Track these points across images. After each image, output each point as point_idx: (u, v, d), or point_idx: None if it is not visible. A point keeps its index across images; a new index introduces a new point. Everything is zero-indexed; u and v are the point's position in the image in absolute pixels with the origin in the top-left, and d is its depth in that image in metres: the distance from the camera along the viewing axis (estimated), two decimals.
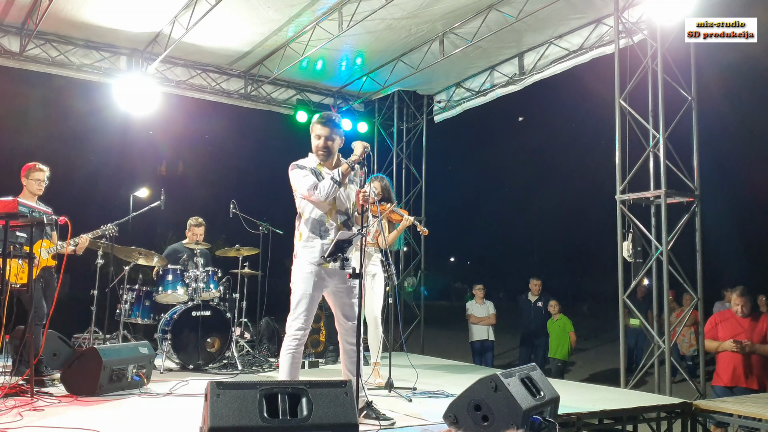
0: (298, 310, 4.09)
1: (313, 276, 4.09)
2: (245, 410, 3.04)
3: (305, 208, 4.20)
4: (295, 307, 4.11)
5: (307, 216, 4.19)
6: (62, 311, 5.68)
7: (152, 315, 6.71)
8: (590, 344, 16.46)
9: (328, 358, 7.37)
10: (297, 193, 4.23)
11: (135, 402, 4.68)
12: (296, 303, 4.11)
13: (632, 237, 6.26)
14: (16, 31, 7.83)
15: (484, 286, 9.88)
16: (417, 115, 10.22)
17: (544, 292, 9.89)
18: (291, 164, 4.25)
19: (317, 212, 4.17)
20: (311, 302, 4.10)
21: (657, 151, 6.10)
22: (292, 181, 4.23)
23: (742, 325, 5.84)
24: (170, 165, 33.06)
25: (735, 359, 5.75)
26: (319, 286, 4.13)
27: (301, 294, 4.09)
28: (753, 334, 5.80)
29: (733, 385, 5.74)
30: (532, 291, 9.84)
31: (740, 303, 5.90)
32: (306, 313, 4.08)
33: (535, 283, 9.87)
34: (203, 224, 7.36)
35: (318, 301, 4.18)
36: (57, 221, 5.35)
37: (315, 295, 4.13)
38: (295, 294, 4.13)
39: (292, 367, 4.06)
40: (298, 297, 4.11)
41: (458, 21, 7.59)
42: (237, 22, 7.62)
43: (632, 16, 6.70)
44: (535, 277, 10.05)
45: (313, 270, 4.09)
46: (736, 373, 5.73)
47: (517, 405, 3.50)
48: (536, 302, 9.72)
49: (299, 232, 4.22)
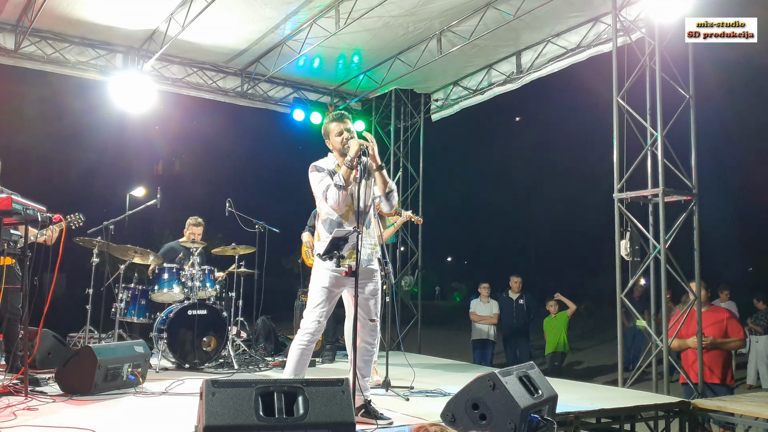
0: (314, 305, 4.08)
1: (332, 273, 4.07)
2: (241, 409, 3.01)
3: (322, 208, 4.20)
4: (312, 301, 4.10)
5: (324, 217, 4.18)
6: (57, 310, 5.64)
7: (148, 314, 6.67)
8: (588, 343, 16.47)
9: (325, 357, 7.35)
10: (316, 194, 4.22)
11: (130, 401, 4.65)
12: (313, 299, 4.10)
13: (630, 235, 6.25)
14: (11, 28, 7.79)
15: (490, 285, 9.78)
16: (414, 113, 10.20)
17: (525, 290, 9.70)
18: (311, 165, 4.25)
19: (334, 214, 4.14)
20: (329, 299, 4.09)
21: (655, 150, 6.08)
22: (310, 182, 4.24)
23: (704, 321, 5.84)
24: (166, 163, 33.01)
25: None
26: (338, 284, 4.11)
27: (319, 290, 4.09)
28: (715, 329, 5.85)
29: (696, 382, 5.75)
30: (512, 288, 9.63)
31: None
32: (322, 309, 4.06)
33: (516, 281, 9.62)
34: (202, 224, 7.33)
35: (336, 299, 4.17)
36: (51, 219, 5.30)
37: (333, 293, 4.11)
38: (312, 290, 4.13)
39: (299, 363, 4.03)
40: (315, 293, 4.10)
41: (456, 19, 7.57)
42: (233, 20, 7.59)
43: (630, 14, 6.69)
44: (516, 274, 9.77)
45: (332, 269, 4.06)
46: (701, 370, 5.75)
47: (515, 403, 3.48)
48: (518, 299, 9.50)
49: (317, 233, 4.23)
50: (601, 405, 4.83)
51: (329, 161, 4.26)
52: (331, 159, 4.27)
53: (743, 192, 28.68)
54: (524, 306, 9.50)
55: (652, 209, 6.20)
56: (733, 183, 28.70)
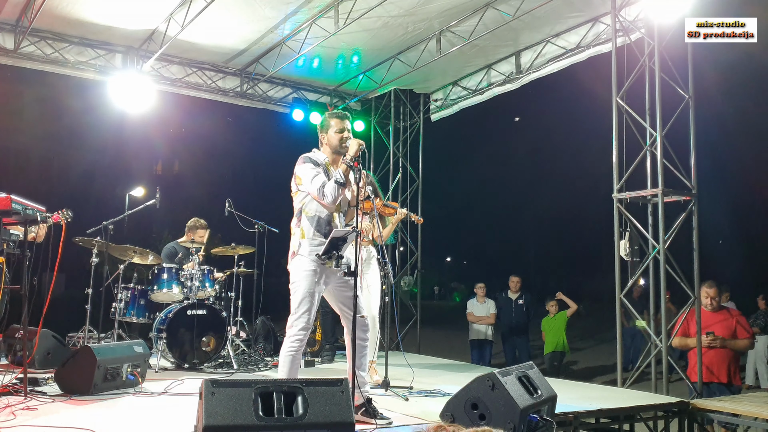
0: (301, 310, 4.00)
1: (315, 274, 4.02)
2: (240, 409, 3.01)
3: (309, 205, 4.11)
4: (296, 307, 4.01)
5: (312, 214, 4.10)
6: (57, 310, 5.64)
7: (147, 314, 6.66)
8: (587, 343, 16.48)
9: (324, 357, 7.35)
10: (302, 188, 4.13)
11: (129, 401, 4.65)
12: (298, 303, 4.01)
13: (629, 236, 6.25)
14: (10, 28, 7.78)
15: (486, 285, 9.80)
16: (414, 113, 10.19)
17: (524, 290, 9.72)
18: (302, 156, 4.16)
19: (324, 211, 4.11)
20: (313, 301, 4.03)
21: (654, 150, 6.09)
22: (299, 173, 4.13)
23: (712, 319, 5.85)
24: (166, 163, 33.00)
25: (708, 354, 5.77)
26: (320, 284, 4.07)
27: (303, 293, 4.00)
28: (723, 328, 5.83)
29: (706, 380, 5.75)
30: (511, 288, 9.63)
31: (710, 296, 5.91)
32: (308, 312, 4.00)
33: (515, 280, 9.63)
34: (208, 228, 7.33)
35: (319, 297, 4.10)
36: (50, 219, 5.30)
37: (317, 294, 4.06)
38: (296, 294, 4.04)
39: (291, 370, 3.98)
40: (300, 296, 4.01)
41: (455, 19, 7.57)
42: (233, 20, 7.58)
43: (629, 15, 6.69)
44: (515, 274, 9.78)
45: (316, 268, 4.02)
46: (708, 368, 5.75)
47: (515, 403, 3.48)
48: (517, 299, 9.51)
49: (300, 230, 4.10)
50: (601, 405, 4.83)
51: (320, 156, 4.22)
52: (320, 154, 4.23)
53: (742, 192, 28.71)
54: (523, 306, 9.51)
55: (652, 209, 6.19)
56: (733, 183, 28.73)
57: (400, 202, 9.61)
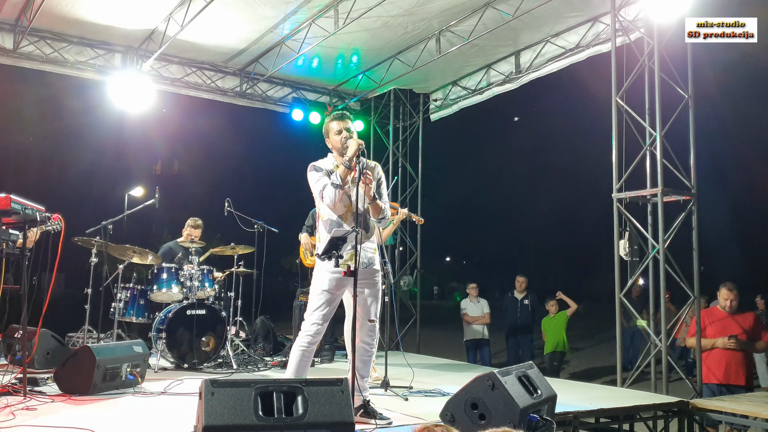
0: (314, 307, 4.08)
1: (333, 275, 4.05)
2: (240, 408, 3.01)
3: (323, 210, 4.18)
4: (312, 304, 4.10)
5: (325, 218, 4.16)
6: (56, 310, 5.63)
7: (147, 313, 6.66)
8: (586, 343, 16.48)
9: (323, 357, 7.34)
10: (314, 194, 4.21)
11: (129, 401, 4.64)
12: (314, 300, 4.09)
13: (629, 235, 6.25)
14: (9, 27, 7.77)
15: (478, 285, 9.83)
16: (413, 113, 10.19)
17: (530, 290, 9.74)
18: (309, 165, 4.23)
19: (333, 215, 4.13)
20: (329, 302, 4.08)
21: (654, 150, 6.09)
22: (309, 182, 4.23)
23: (732, 322, 5.83)
24: (165, 163, 33.02)
25: (727, 356, 5.75)
26: (339, 286, 4.09)
27: (320, 292, 4.08)
28: (742, 330, 5.81)
29: (725, 382, 5.74)
30: (517, 288, 9.69)
31: (730, 298, 5.89)
32: (323, 311, 4.06)
33: (521, 280, 9.70)
34: (201, 226, 7.32)
35: (338, 301, 4.16)
36: (50, 218, 5.29)
37: (334, 295, 4.10)
38: (313, 293, 4.12)
39: (300, 365, 4.02)
40: (316, 295, 4.10)
41: (455, 19, 7.57)
42: (232, 20, 7.58)
43: (629, 14, 6.69)
44: (521, 274, 9.85)
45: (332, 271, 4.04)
46: (728, 370, 5.73)
47: (514, 403, 3.48)
48: (522, 300, 9.54)
49: (318, 234, 4.22)
50: (600, 405, 4.83)
51: (328, 161, 4.25)
52: (331, 159, 4.26)
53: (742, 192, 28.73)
54: (529, 306, 9.54)
55: (651, 209, 6.20)
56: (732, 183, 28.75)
57: (399, 202, 9.61)
